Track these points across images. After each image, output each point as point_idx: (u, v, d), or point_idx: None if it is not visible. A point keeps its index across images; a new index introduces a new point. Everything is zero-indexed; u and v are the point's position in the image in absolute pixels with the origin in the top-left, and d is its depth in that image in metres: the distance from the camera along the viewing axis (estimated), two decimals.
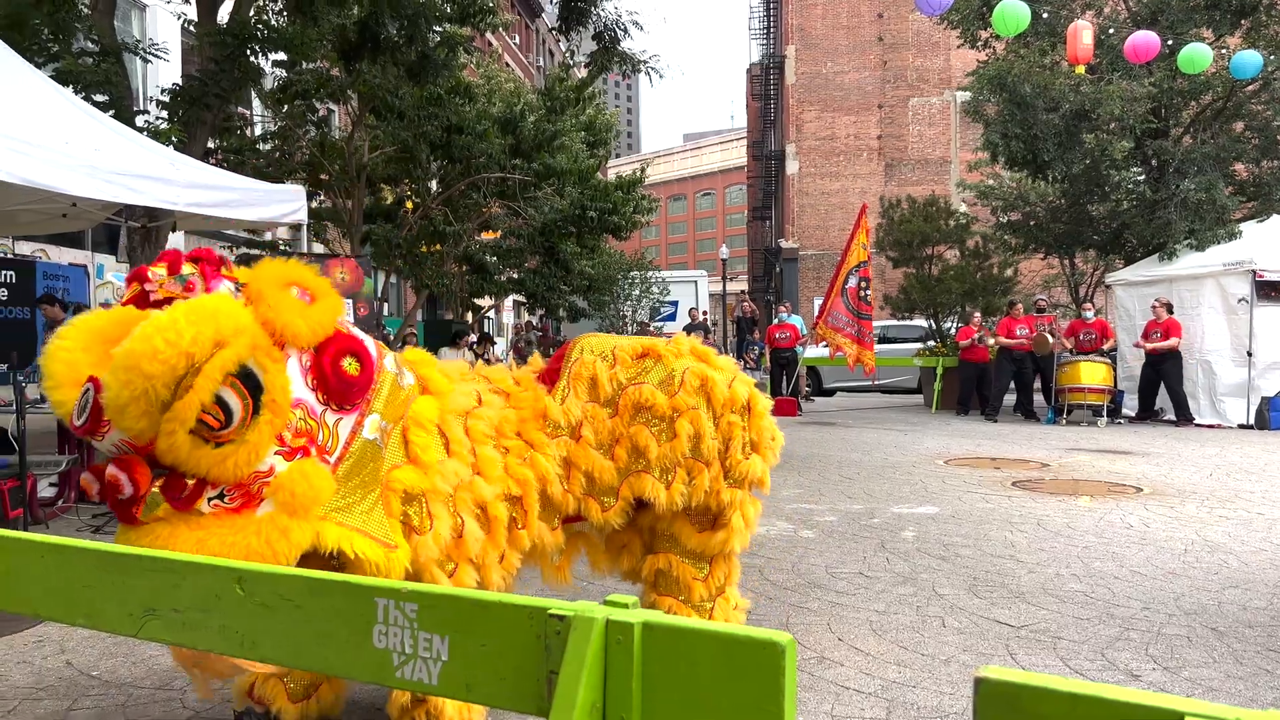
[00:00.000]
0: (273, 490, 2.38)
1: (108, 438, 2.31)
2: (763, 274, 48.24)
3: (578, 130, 18.78)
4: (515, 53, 43.49)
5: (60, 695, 3.43)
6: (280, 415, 2.38)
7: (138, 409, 2.19)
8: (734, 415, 3.37)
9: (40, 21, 9.67)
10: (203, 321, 2.22)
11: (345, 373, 2.53)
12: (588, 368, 3.30)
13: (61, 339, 2.39)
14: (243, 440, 2.31)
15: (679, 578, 3.45)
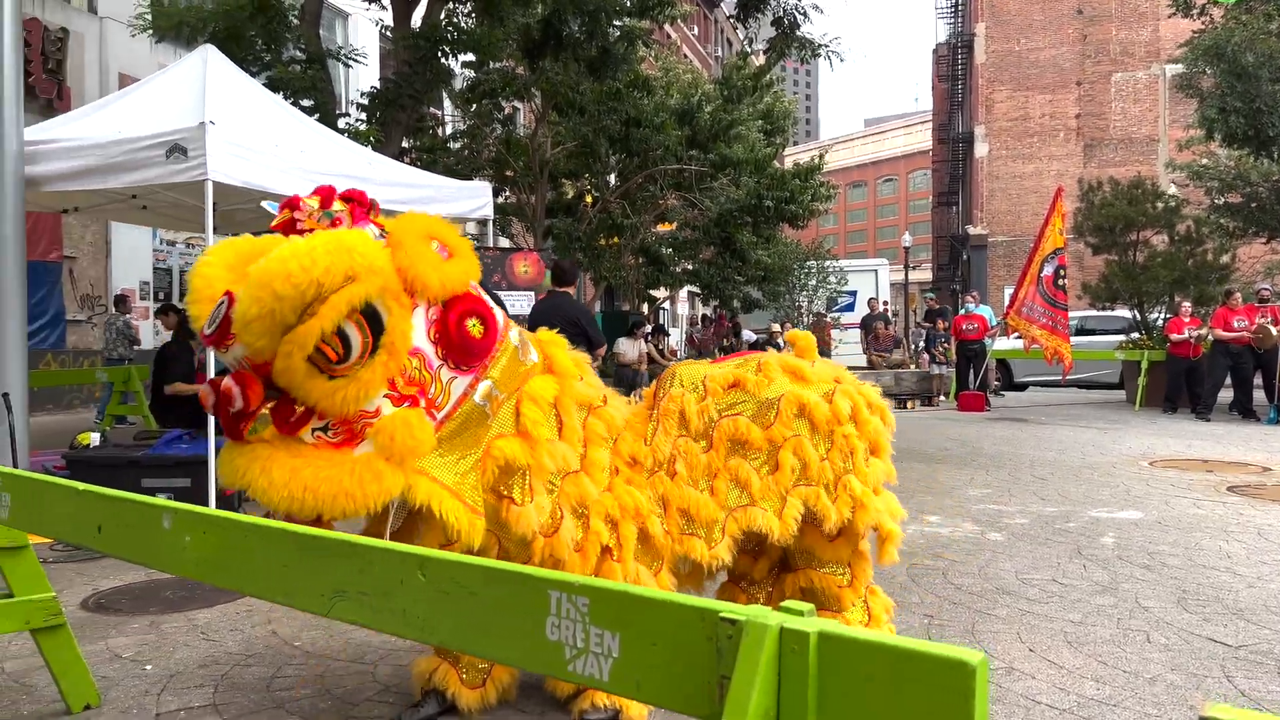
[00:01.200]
0: (374, 432, 2.40)
1: (231, 351, 2.37)
2: (948, 262, 46.42)
3: (755, 119, 18.60)
4: (694, 44, 43.59)
5: (266, 663, 3.68)
6: (396, 359, 2.40)
7: (261, 326, 2.24)
8: (847, 428, 3.26)
9: (255, 33, 10.44)
10: (338, 253, 2.26)
11: (468, 333, 2.53)
12: (676, 401, 3.19)
13: (207, 256, 2.49)
14: (355, 376, 2.34)
15: (824, 590, 3.38)
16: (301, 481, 2.30)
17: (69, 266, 14.68)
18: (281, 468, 2.31)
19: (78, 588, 4.66)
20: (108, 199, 8.08)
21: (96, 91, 13.81)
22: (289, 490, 2.30)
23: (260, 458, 2.34)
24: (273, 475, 2.31)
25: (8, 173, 6.00)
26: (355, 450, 2.40)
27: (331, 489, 2.32)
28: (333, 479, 2.33)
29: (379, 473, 2.37)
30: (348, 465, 2.36)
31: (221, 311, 2.33)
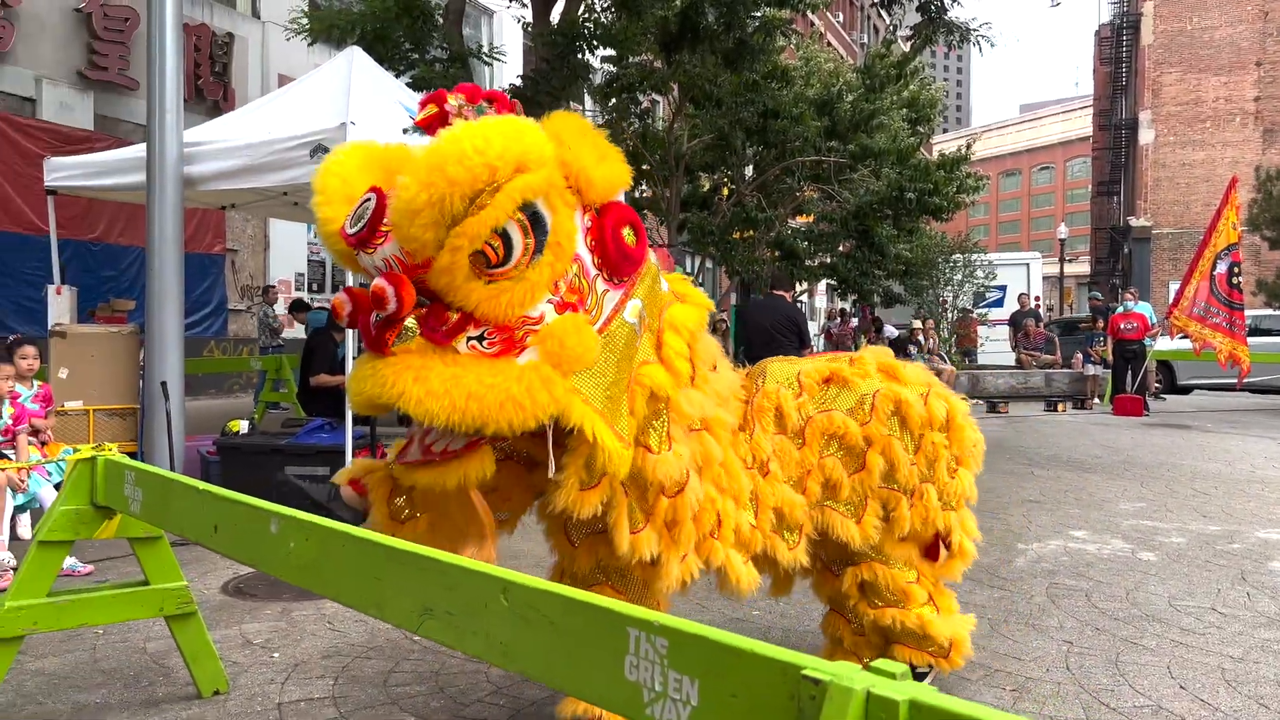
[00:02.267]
0: (540, 339, 2.21)
1: (380, 251, 2.21)
2: (1107, 255, 43.95)
3: (898, 108, 18.00)
4: (838, 31, 42.66)
5: (385, 656, 3.75)
6: (562, 260, 2.24)
7: (430, 215, 2.05)
8: (936, 434, 3.13)
9: (401, 34, 10.75)
10: (512, 138, 2.09)
11: (624, 242, 2.36)
12: (772, 398, 3.04)
13: (338, 156, 2.35)
14: (523, 277, 2.17)
15: (889, 584, 3.16)
16: (464, 389, 2.10)
17: (231, 259, 15.56)
18: (440, 375, 2.11)
19: (220, 571, 4.89)
20: (261, 196, 8.47)
21: (258, 93, 14.55)
22: (450, 399, 2.09)
23: (413, 366, 2.13)
24: (430, 383, 2.10)
25: (168, 173, 6.34)
26: (516, 359, 2.21)
27: (498, 396, 2.11)
28: (498, 387, 2.12)
29: (549, 379, 2.17)
30: (514, 373, 2.16)
31: (370, 208, 2.19)
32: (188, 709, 3.22)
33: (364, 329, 2.23)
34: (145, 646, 3.81)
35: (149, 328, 6.37)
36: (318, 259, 17.51)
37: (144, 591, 3.12)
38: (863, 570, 3.17)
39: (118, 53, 13.14)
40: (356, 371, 2.25)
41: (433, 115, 2.33)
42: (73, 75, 12.73)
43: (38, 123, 12.10)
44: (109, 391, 6.78)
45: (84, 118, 12.77)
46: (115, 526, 2.99)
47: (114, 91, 13.21)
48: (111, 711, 3.20)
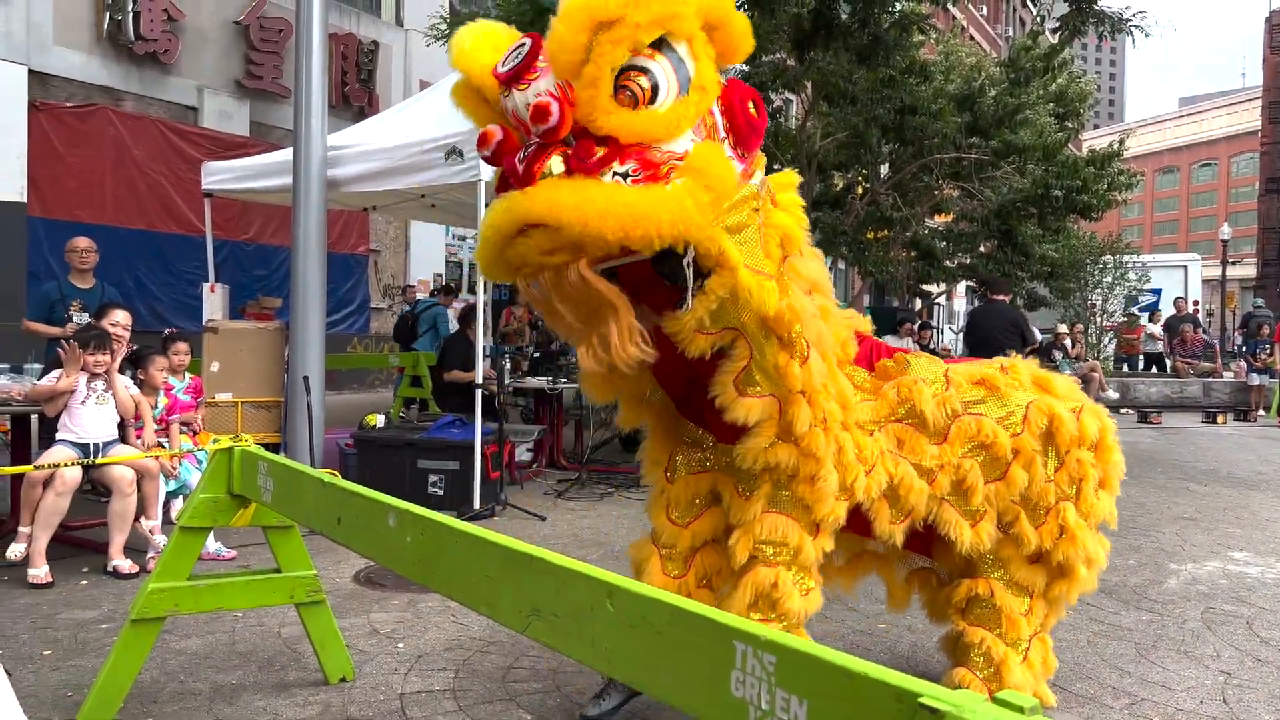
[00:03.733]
0: (686, 168, 2.23)
1: (533, 85, 2.26)
2: (1275, 257, 41.01)
3: (1045, 102, 17.19)
4: (981, 24, 41.23)
5: (505, 652, 3.79)
6: (705, 103, 2.31)
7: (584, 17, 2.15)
8: (1084, 452, 3.00)
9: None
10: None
11: (750, 113, 2.43)
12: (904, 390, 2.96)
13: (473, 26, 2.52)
14: (671, 108, 2.24)
15: (1000, 608, 3.03)
16: (616, 205, 2.11)
17: (374, 259, 16.17)
18: (598, 192, 2.14)
19: (353, 561, 5.04)
20: (401, 198, 8.75)
21: (401, 98, 15.07)
22: (610, 212, 2.10)
23: (563, 188, 2.15)
24: (589, 194, 2.12)
25: (313, 176, 6.61)
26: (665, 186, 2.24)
27: (653, 206, 2.13)
28: (654, 197, 2.15)
29: (699, 199, 2.19)
30: (662, 192, 2.18)
31: (525, 48, 2.28)
32: (315, 694, 3.32)
33: (509, 167, 2.28)
34: (280, 631, 3.95)
35: (293, 324, 6.65)
36: (455, 260, 18.02)
37: (276, 579, 3.23)
38: (979, 584, 3.07)
39: (272, 62, 13.84)
40: (495, 205, 2.27)
41: None
42: (231, 84, 13.48)
43: (199, 130, 12.87)
44: (256, 385, 7.12)
45: (241, 125, 13.51)
46: (250, 515, 3.10)
47: (268, 99, 13.92)
48: (246, 692, 3.33)
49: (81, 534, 5.31)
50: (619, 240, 2.12)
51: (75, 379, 4.79)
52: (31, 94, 11.13)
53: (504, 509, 6.48)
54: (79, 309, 6.34)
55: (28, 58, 11.10)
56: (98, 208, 11.72)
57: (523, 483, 7.70)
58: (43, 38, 11.29)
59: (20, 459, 5.34)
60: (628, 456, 9.12)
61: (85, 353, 4.80)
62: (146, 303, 12.00)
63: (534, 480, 7.91)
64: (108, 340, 4.93)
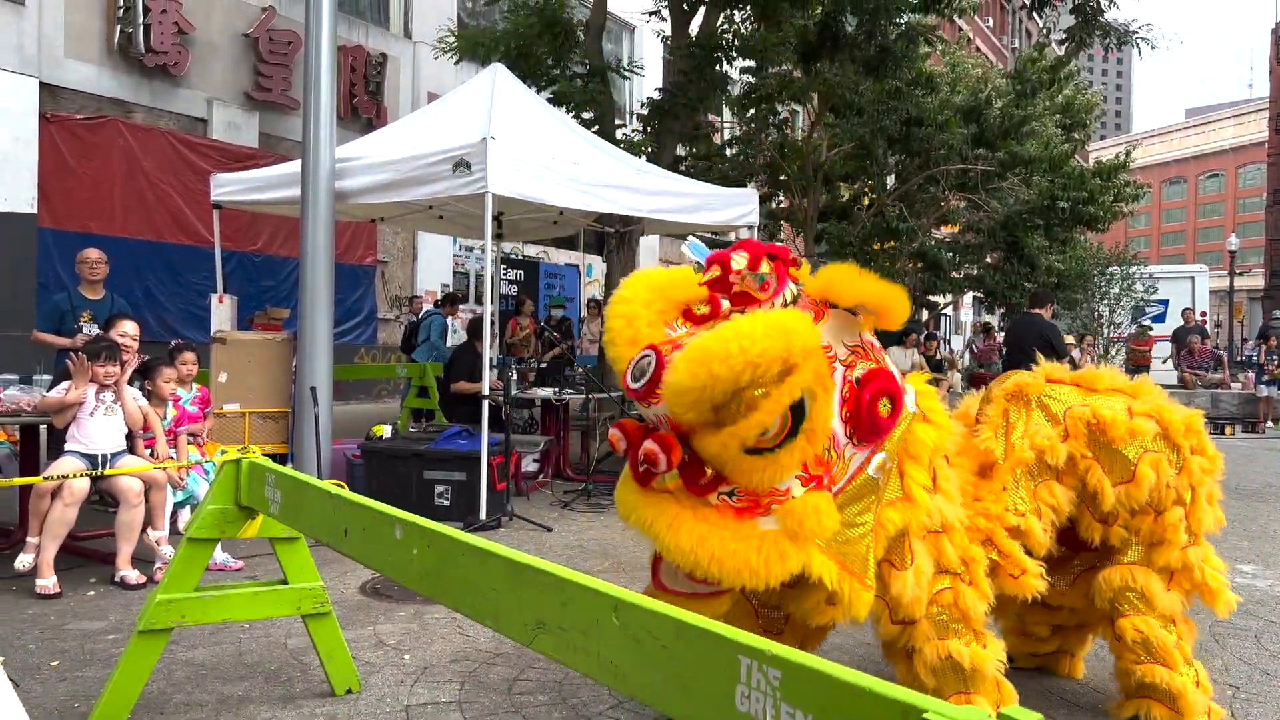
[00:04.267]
0: (784, 514, 2.39)
1: (654, 408, 2.40)
2: None
3: (1051, 114, 17.21)
4: (987, 36, 41.28)
5: (511, 664, 3.78)
6: (814, 445, 2.39)
7: (692, 399, 2.23)
8: (1201, 459, 3.10)
9: (543, 50, 10.98)
10: (776, 338, 2.22)
11: (878, 415, 2.49)
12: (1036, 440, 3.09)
13: (624, 292, 2.51)
14: (774, 459, 2.33)
15: (1157, 641, 3.08)
16: (709, 550, 2.32)
17: (381, 270, 16.21)
18: (690, 533, 2.34)
19: (360, 572, 5.05)
20: (408, 209, 8.80)
21: (409, 110, 15.13)
22: (695, 555, 2.33)
23: (667, 514, 2.38)
24: (680, 538, 2.34)
25: (321, 187, 6.64)
26: (759, 523, 2.41)
27: (736, 563, 2.33)
28: (739, 554, 2.34)
29: (784, 553, 2.37)
30: (754, 541, 2.37)
31: (650, 369, 2.36)
32: (321, 705, 3.32)
33: (632, 462, 2.47)
34: (286, 643, 3.96)
35: (301, 335, 6.68)
36: (462, 271, 18.06)
37: (283, 590, 3.23)
38: (1129, 624, 3.11)
39: (281, 74, 13.92)
40: (625, 493, 2.50)
41: (715, 279, 2.50)
42: (240, 96, 13.55)
43: (208, 141, 12.94)
44: (264, 395, 7.14)
45: (249, 136, 13.57)
46: (258, 526, 3.11)
47: (277, 111, 13.99)
48: (252, 703, 3.33)
49: (89, 545, 5.33)
50: (711, 576, 2.35)
51: (84, 391, 4.82)
52: (42, 106, 11.21)
53: (510, 520, 6.49)
54: (89, 320, 6.36)
55: (39, 70, 11.19)
56: (107, 219, 11.78)
57: (529, 494, 7.71)
58: (54, 50, 11.38)
59: (29, 469, 5.37)
60: None
61: (94, 364, 4.82)
62: (155, 313, 12.05)
63: (540, 491, 7.91)
64: (117, 352, 4.96)
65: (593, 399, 8.63)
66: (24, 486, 4.91)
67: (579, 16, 11.75)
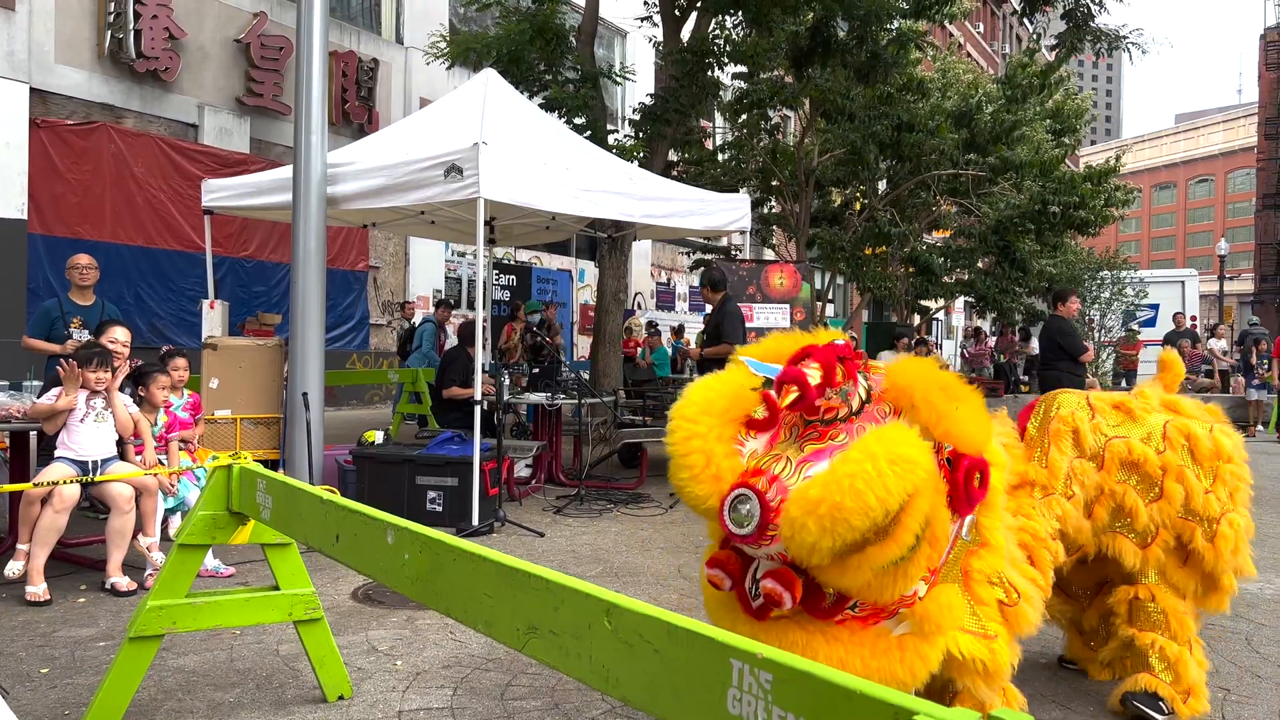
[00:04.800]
0: (916, 618, 2.43)
1: (765, 549, 2.33)
2: (1274, 272, 41.11)
3: (1042, 119, 17.29)
4: (978, 41, 41.44)
5: (504, 669, 3.78)
6: (937, 550, 2.40)
7: (828, 551, 2.18)
8: (1232, 467, 3.21)
9: (535, 56, 11.00)
10: (906, 475, 2.18)
11: (974, 487, 2.49)
12: (1069, 422, 3.19)
13: (691, 424, 2.40)
14: (903, 571, 2.31)
15: (1168, 608, 3.26)
16: (849, 670, 2.24)
17: (373, 275, 16.20)
18: (826, 659, 2.31)
19: (352, 578, 5.04)
20: (400, 215, 8.80)
21: (401, 115, 15.14)
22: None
23: (796, 643, 2.35)
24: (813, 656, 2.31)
25: (313, 193, 6.63)
26: (890, 629, 2.43)
27: (884, 678, 2.34)
28: (884, 669, 2.36)
29: (925, 655, 2.42)
30: (895, 653, 2.40)
31: (756, 514, 2.28)
32: (314, 712, 3.31)
33: (741, 597, 2.42)
34: (278, 649, 3.95)
35: (292, 340, 6.66)
36: (454, 276, 18.06)
37: (274, 596, 3.22)
38: (1138, 589, 3.27)
39: (273, 80, 13.91)
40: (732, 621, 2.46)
41: (796, 400, 2.40)
42: (232, 102, 13.54)
43: (199, 147, 12.92)
44: (255, 401, 7.12)
45: (241, 142, 13.56)
46: (249, 532, 3.11)
47: (268, 116, 13.98)
48: (243, 710, 3.32)
49: (79, 551, 5.31)
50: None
51: (75, 398, 4.80)
52: (33, 112, 11.18)
53: (503, 525, 6.48)
54: (79, 326, 6.34)
55: (29, 76, 11.16)
56: (98, 225, 11.75)
57: (521, 499, 7.70)
58: (44, 56, 11.35)
59: (19, 476, 5.34)
60: (626, 473, 9.12)
61: (85, 370, 4.80)
62: (146, 319, 12.02)
63: (533, 496, 7.90)
64: (108, 358, 4.94)
65: (585, 404, 8.63)
66: (14, 493, 4.88)
67: (571, 22, 11.77)
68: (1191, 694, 3.23)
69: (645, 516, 7.13)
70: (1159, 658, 3.23)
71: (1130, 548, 3.17)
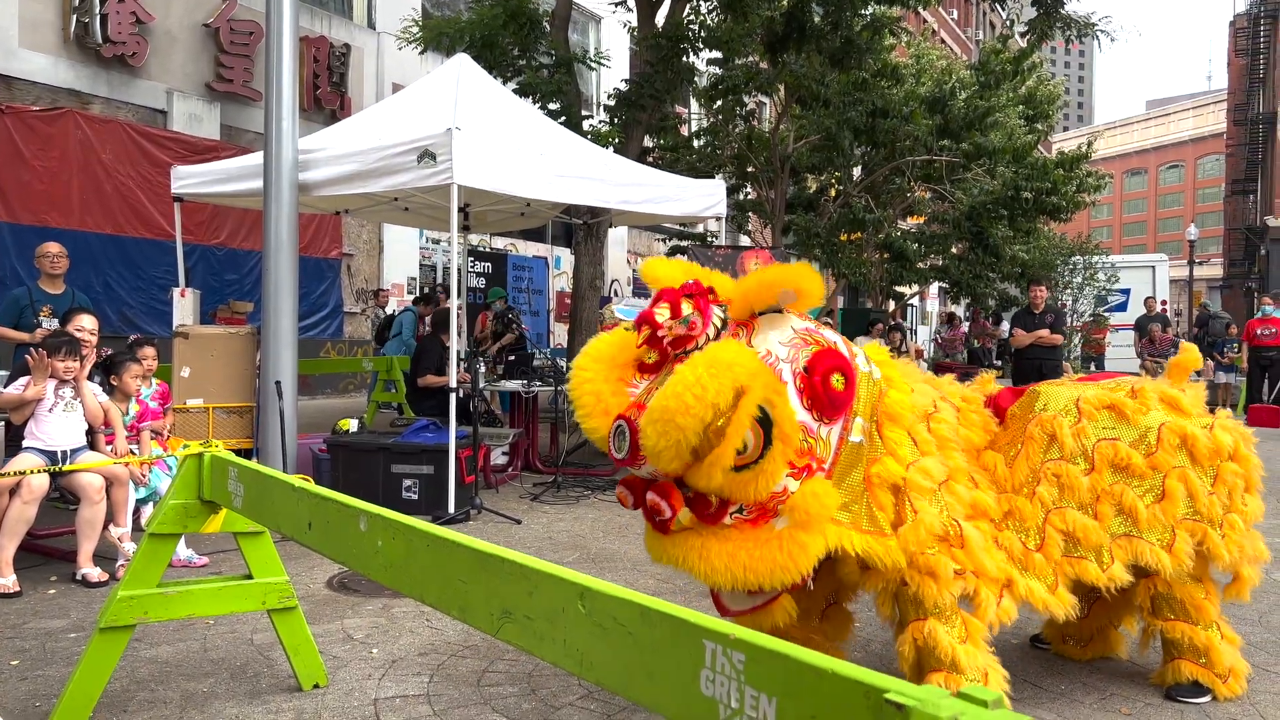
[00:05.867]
0: (788, 510, 2.64)
1: (644, 468, 2.64)
2: (1242, 258, 41.62)
3: (1014, 105, 17.38)
4: (952, 28, 41.57)
5: (480, 655, 3.78)
6: (789, 444, 2.57)
7: (670, 454, 2.47)
8: (1230, 464, 3.32)
9: (509, 41, 10.92)
10: (721, 374, 2.43)
11: (834, 389, 2.65)
12: (1047, 426, 3.23)
13: (582, 371, 2.74)
14: (760, 469, 2.54)
15: (1186, 599, 3.35)
16: (740, 563, 2.60)
17: (347, 263, 16.07)
18: (719, 554, 2.62)
19: (327, 566, 5.01)
20: (373, 201, 8.71)
21: (374, 101, 14.99)
22: (730, 572, 2.60)
23: (694, 546, 2.65)
24: (712, 561, 2.61)
25: (284, 179, 6.56)
26: (774, 523, 2.66)
27: (768, 565, 2.60)
28: (767, 557, 2.61)
29: (804, 544, 2.63)
30: (775, 542, 2.63)
31: (628, 436, 2.59)
32: (288, 701, 3.30)
33: (647, 518, 2.73)
34: (252, 638, 3.92)
35: (264, 328, 6.60)
36: (429, 263, 17.94)
37: (247, 585, 3.20)
38: (1156, 582, 3.32)
39: (243, 65, 13.73)
40: (652, 542, 2.81)
41: (649, 337, 2.69)
42: (201, 88, 13.35)
43: (168, 133, 12.74)
44: (227, 390, 7.05)
45: (211, 128, 13.38)
46: (220, 520, 3.08)
47: (239, 102, 13.80)
48: (217, 700, 3.30)
49: (50, 542, 5.25)
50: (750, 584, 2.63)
51: (43, 387, 4.73)
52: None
53: (479, 513, 6.47)
54: (49, 315, 6.26)
55: None
56: (66, 212, 11.57)
57: (498, 486, 7.69)
58: (8, 40, 11.14)
59: None
60: (603, 459, 9.12)
61: (54, 359, 4.74)
62: (116, 308, 11.86)
63: (510, 484, 7.89)
64: (76, 347, 4.88)
65: (561, 390, 8.61)
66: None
67: (544, 7, 11.69)
68: (1232, 675, 3.36)
69: None
70: (1190, 647, 3.34)
71: (1150, 549, 3.15)
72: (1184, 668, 3.36)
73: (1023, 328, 10.22)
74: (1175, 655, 3.39)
